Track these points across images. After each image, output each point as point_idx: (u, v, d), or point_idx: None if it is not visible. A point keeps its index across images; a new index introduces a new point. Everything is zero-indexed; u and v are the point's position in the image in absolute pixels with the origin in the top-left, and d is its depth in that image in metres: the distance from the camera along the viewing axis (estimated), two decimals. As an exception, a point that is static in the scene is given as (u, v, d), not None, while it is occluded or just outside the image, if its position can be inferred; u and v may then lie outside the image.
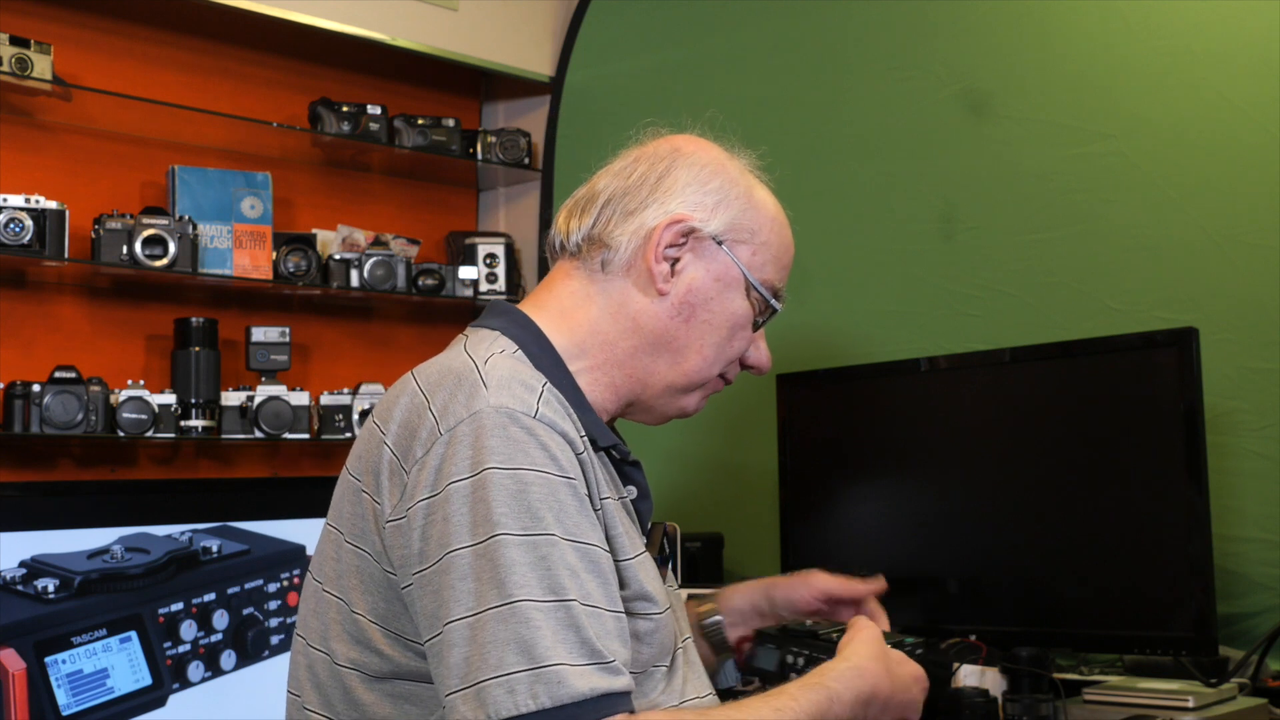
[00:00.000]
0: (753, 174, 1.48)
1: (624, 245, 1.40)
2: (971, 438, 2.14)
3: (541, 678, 1.10)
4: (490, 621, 1.12)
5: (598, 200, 1.43)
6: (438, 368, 1.28)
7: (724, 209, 1.41)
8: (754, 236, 1.43)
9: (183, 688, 2.42)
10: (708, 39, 2.91)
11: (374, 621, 1.25)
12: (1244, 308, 2.13)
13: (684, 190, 1.41)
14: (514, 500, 1.15)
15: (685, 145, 1.45)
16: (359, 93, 3.09)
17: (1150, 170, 2.25)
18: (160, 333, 2.78)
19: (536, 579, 1.13)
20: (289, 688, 1.37)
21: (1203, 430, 1.87)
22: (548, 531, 1.16)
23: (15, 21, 2.61)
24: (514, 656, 1.11)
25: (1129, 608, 1.93)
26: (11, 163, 2.63)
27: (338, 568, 1.30)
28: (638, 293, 1.40)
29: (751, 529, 2.62)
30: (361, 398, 2.86)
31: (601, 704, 1.12)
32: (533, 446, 1.19)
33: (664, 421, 1.49)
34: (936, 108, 2.53)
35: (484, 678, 1.11)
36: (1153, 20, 2.27)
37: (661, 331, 1.40)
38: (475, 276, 3.08)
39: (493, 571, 1.13)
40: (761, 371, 1.50)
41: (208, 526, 2.50)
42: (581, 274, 1.42)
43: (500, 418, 1.19)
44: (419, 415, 1.23)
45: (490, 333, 1.36)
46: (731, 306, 1.42)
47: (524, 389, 1.23)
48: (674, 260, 1.40)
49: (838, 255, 2.64)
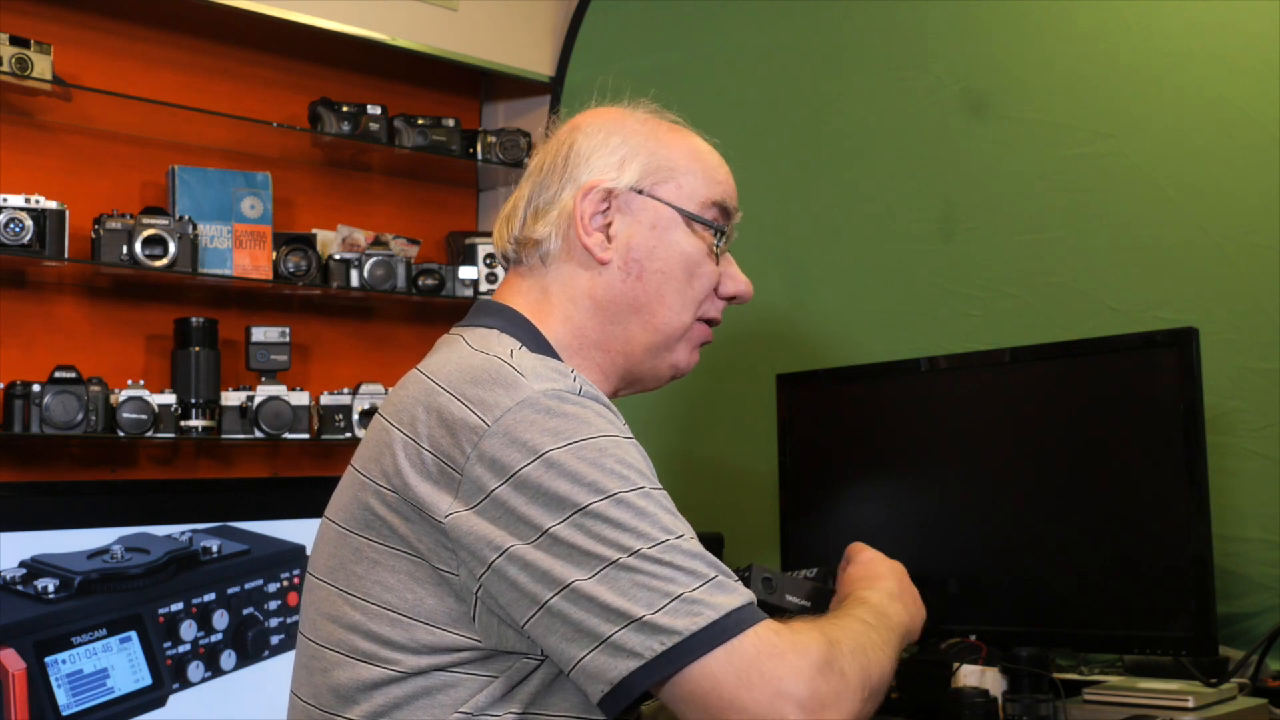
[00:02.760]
0: (657, 117, 1.49)
1: (552, 234, 1.42)
2: (971, 438, 2.14)
3: (697, 598, 1.14)
4: (620, 572, 1.15)
5: (520, 206, 1.46)
6: (457, 365, 1.28)
7: (632, 159, 1.43)
8: (673, 173, 1.44)
9: (183, 688, 2.42)
10: (707, 39, 2.91)
11: (404, 615, 1.24)
12: (1244, 308, 2.13)
13: (589, 160, 1.43)
14: (596, 467, 1.19)
15: (582, 120, 1.49)
16: (359, 93, 3.09)
17: (1150, 170, 2.25)
18: (160, 333, 2.78)
19: (648, 526, 1.17)
20: (291, 687, 1.37)
21: (1203, 430, 1.87)
22: (637, 485, 1.19)
23: (15, 21, 2.61)
24: (661, 590, 1.14)
25: (1129, 608, 1.92)
26: (11, 163, 2.63)
27: (339, 561, 1.30)
28: (583, 272, 1.42)
29: (751, 529, 2.62)
30: (361, 398, 2.86)
31: (755, 609, 1.18)
32: (592, 415, 1.23)
33: (663, 384, 1.50)
34: (936, 108, 2.53)
35: (640, 615, 1.13)
36: (1153, 20, 2.27)
37: (619, 298, 1.42)
38: (475, 276, 3.08)
39: (601, 534, 1.16)
40: (743, 299, 1.50)
41: (208, 526, 2.50)
42: (527, 276, 1.45)
43: (550, 400, 1.22)
44: (454, 413, 1.23)
45: (490, 331, 1.37)
46: (678, 248, 1.43)
47: (558, 373, 1.26)
48: (606, 226, 1.42)
49: (838, 255, 2.64)
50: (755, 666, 1.13)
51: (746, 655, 1.13)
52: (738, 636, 1.14)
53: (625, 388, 1.47)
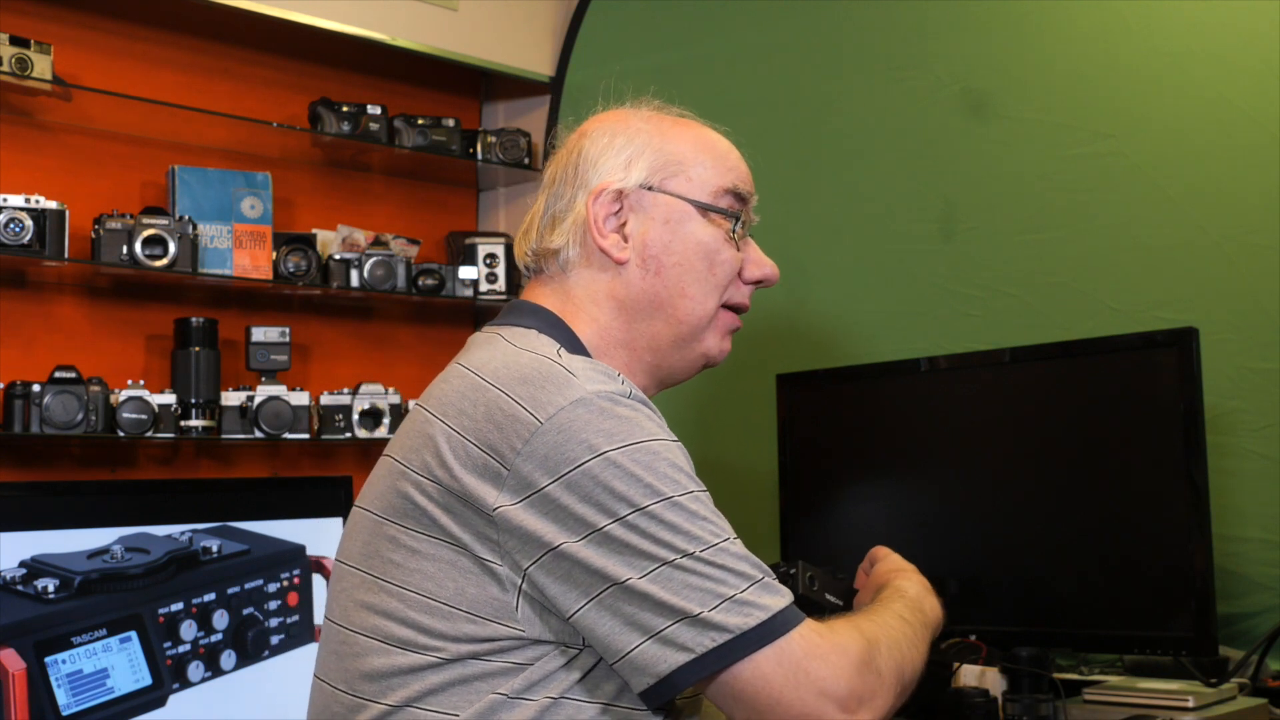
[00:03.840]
0: (662, 113, 1.51)
1: (569, 241, 1.44)
2: (971, 438, 2.14)
3: (747, 599, 1.18)
4: (675, 571, 1.19)
5: (536, 218, 1.49)
6: (504, 362, 1.30)
7: (639, 157, 1.45)
8: (681, 165, 1.45)
9: (183, 688, 2.42)
10: (707, 39, 2.91)
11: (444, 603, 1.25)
12: (1244, 308, 2.13)
13: (597, 164, 1.45)
14: (649, 470, 1.21)
15: (588, 125, 1.51)
16: (359, 93, 3.09)
17: (1150, 170, 2.25)
18: (160, 333, 2.78)
19: (698, 528, 1.21)
20: (316, 672, 1.37)
21: (1203, 430, 1.87)
22: (687, 489, 1.23)
23: (15, 21, 2.61)
24: (713, 589, 1.18)
25: (1129, 608, 1.92)
26: (11, 163, 2.63)
27: (374, 549, 1.31)
28: (602, 274, 1.44)
29: (751, 529, 2.61)
30: (361, 398, 2.86)
31: (797, 610, 1.22)
32: (644, 419, 1.25)
33: (696, 374, 1.52)
34: (936, 108, 2.53)
35: (694, 612, 1.18)
36: (1153, 20, 2.27)
37: (641, 295, 1.43)
38: (475, 276, 3.08)
39: (655, 536, 1.20)
40: (770, 281, 1.52)
41: (208, 526, 2.50)
42: (549, 284, 1.47)
43: (604, 401, 1.24)
44: (504, 408, 1.25)
45: (528, 331, 1.38)
46: (694, 239, 1.44)
47: (607, 377, 1.28)
48: (621, 227, 1.43)
49: (838, 255, 2.64)
50: (802, 666, 1.18)
51: (794, 655, 1.18)
52: (785, 636, 1.19)
53: (657, 384, 1.49)
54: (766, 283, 1.51)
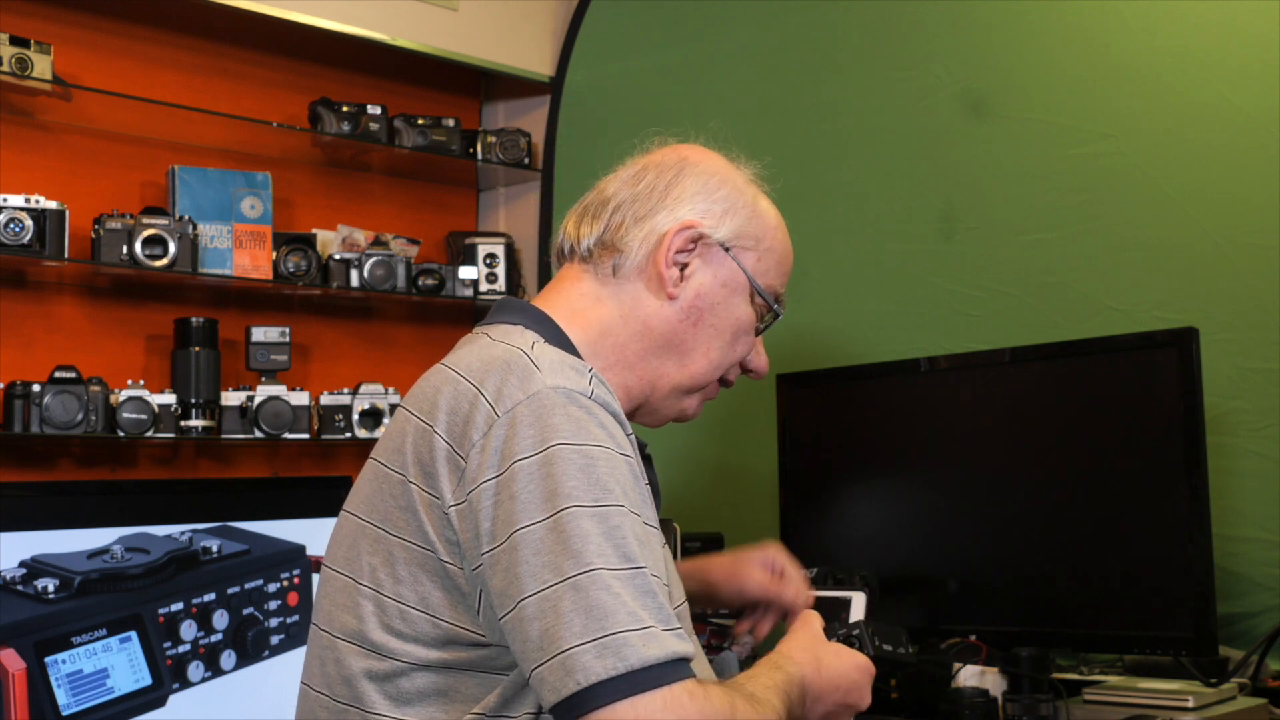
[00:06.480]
0: (755, 184, 1.52)
1: (635, 250, 1.44)
2: (971, 438, 2.14)
3: (627, 641, 1.13)
4: (570, 590, 1.15)
5: (608, 206, 1.47)
6: (478, 357, 1.30)
7: (731, 217, 1.46)
8: (758, 244, 1.48)
9: (183, 688, 2.41)
10: (707, 39, 2.91)
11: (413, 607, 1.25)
12: (1244, 308, 2.13)
13: (693, 198, 1.46)
14: (582, 474, 1.19)
15: (692, 155, 1.50)
16: (359, 93, 3.09)
17: (1150, 170, 2.25)
18: (160, 333, 2.78)
19: (611, 548, 1.17)
20: (302, 678, 1.37)
21: (1203, 430, 1.87)
22: (616, 503, 1.19)
23: (15, 21, 2.61)
24: (596, 622, 1.13)
25: (1129, 608, 1.93)
26: (11, 163, 2.63)
27: (356, 552, 1.30)
28: (649, 296, 1.44)
29: (751, 529, 2.61)
30: (361, 398, 2.86)
31: (680, 666, 1.16)
32: (593, 424, 1.23)
33: (663, 424, 1.53)
34: (936, 108, 2.53)
35: (568, 645, 1.13)
36: (1153, 21, 2.27)
37: (670, 334, 1.45)
38: (475, 276, 3.08)
39: (567, 543, 1.16)
40: (759, 375, 1.56)
41: (208, 526, 2.50)
42: (592, 277, 1.46)
43: (559, 397, 1.23)
44: (470, 401, 1.25)
45: (513, 327, 1.38)
46: (737, 311, 1.47)
47: (575, 372, 1.27)
48: (683, 265, 1.45)
49: (838, 255, 2.64)
50: None
51: (651, 710, 1.12)
52: (650, 691, 1.13)
53: (634, 412, 1.49)
54: (755, 374, 1.55)
